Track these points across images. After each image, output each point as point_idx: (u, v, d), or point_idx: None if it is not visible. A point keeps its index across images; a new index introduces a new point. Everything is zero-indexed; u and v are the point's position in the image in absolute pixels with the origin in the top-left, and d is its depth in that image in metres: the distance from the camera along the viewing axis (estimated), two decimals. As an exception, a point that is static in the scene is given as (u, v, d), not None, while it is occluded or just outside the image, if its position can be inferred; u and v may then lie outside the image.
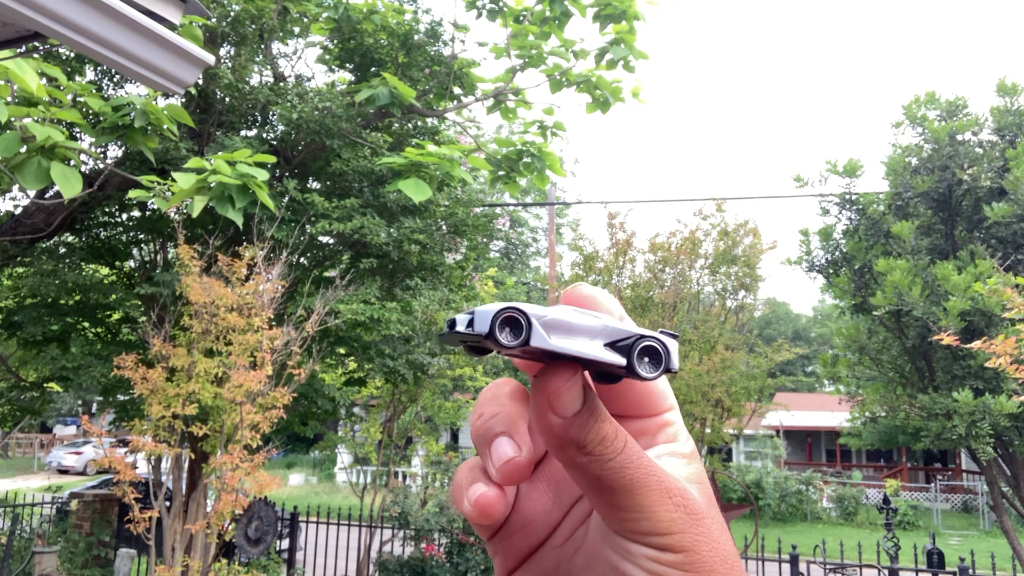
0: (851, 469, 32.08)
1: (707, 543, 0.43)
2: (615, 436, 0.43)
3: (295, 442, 32.49)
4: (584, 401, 0.43)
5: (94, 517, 10.94)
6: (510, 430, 0.46)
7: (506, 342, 0.41)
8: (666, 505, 0.42)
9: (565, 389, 0.42)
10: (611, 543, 0.44)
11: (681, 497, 0.43)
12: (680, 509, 0.43)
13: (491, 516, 0.46)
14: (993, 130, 11.12)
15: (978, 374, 10.04)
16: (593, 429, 0.42)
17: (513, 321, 0.41)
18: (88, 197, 7.63)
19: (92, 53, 2.25)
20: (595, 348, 0.42)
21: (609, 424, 0.43)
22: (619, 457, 0.42)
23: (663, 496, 0.42)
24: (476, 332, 0.41)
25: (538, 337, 0.41)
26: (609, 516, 0.43)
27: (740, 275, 16.42)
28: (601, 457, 0.42)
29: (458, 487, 0.47)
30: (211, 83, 8.40)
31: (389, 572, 8.83)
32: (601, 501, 0.43)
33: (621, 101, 8.33)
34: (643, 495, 0.42)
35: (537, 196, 33.47)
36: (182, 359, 6.89)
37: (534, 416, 0.44)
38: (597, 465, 0.42)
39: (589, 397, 0.43)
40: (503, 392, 0.48)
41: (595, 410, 0.43)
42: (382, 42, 8.99)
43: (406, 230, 8.70)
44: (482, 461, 0.47)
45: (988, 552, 9.19)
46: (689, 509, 0.43)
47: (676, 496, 0.43)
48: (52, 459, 33.04)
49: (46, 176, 3.76)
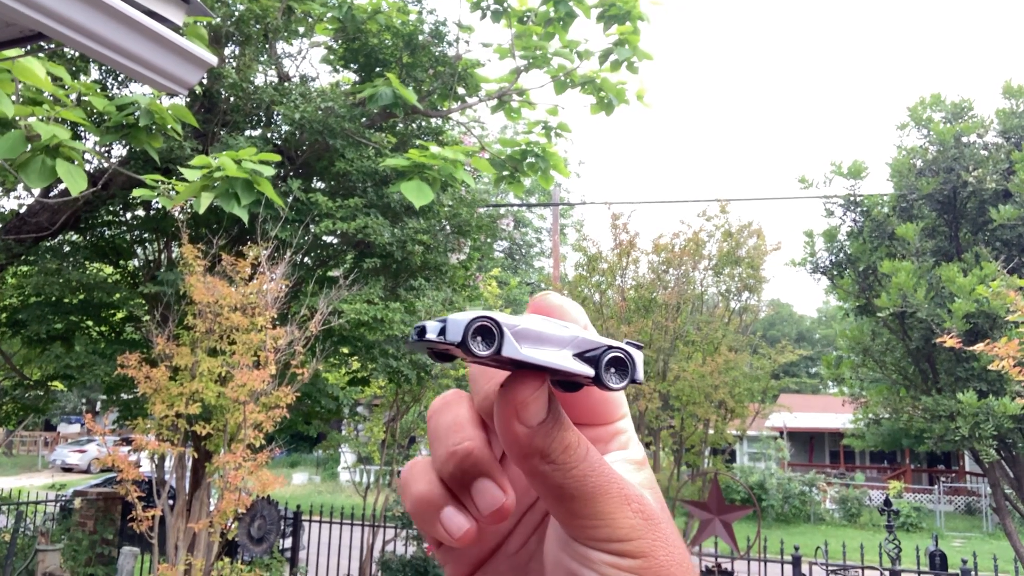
0: (854, 471, 32.02)
1: (664, 548, 0.44)
2: (578, 444, 0.43)
3: (298, 441, 32.53)
4: (549, 410, 0.43)
5: (98, 515, 10.97)
6: (492, 470, 0.45)
7: (478, 351, 0.42)
8: (625, 512, 0.43)
9: (532, 399, 0.43)
10: (570, 550, 0.44)
11: (639, 503, 0.44)
12: (638, 515, 0.43)
13: (467, 545, 0.46)
14: (999, 132, 11.09)
15: (982, 376, 10.01)
16: (557, 438, 0.43)
17: (486, 330, 0.42)
18: (92, 196, 7.65)
19: (94, 54, 2.26)
20: (564, 358, 0.42)
21: (572, 432, 0.44)
22: (581, 465, 0.43)
23: (622, 503, 0.43)
24: (448, 341, 0.42)
25: (510, 347, 0.41)
26: (569, 523, 0.44)
27: (744, 276, 16.39)
28: (564, 466, 0.43)
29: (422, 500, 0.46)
30: (215, 83, 8.42)
31: (392, 571, 8.84)
32: (562, 509, 0.43)
33: (625, 103, 8.32)
34: (604, 502, 0.43)
35: (541, 196, 33.46)
36: (186, 358, 6.91)
37: (499, 425, 0.44)
38: (560, 474, 0.43)
39: (554, 406, 0.43)
40: (463, 417, 0.47)
41: (559, 419, 0.43)
42: (386, 42, 9.00)
43: (410, 230, 8.71)
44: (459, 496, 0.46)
45: (991, 554, 9.17)
46: (646, 515, 0.44)
47: (635, 503, 0.44)
48: (56, 457, 33.14)
49: (50, 175, 3.77)
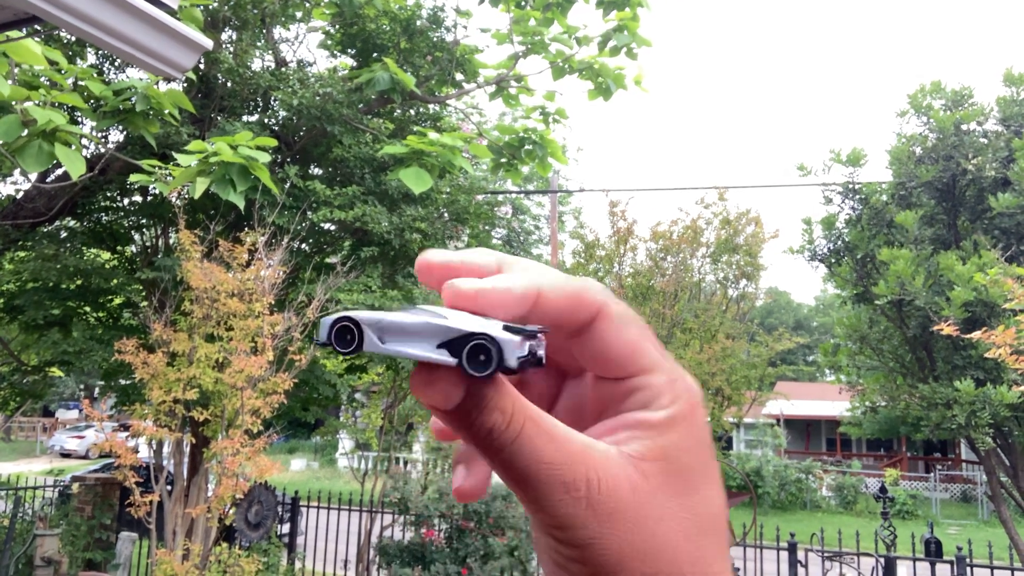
0: (851, 458, 32.15)
1: (619, 537, 0.39)
2: (505, 425, 0.40)
3: (296, 427, 32.59)
4: (466, 392, 0.40)
5: (96, 500, 10.99)
6: (463, 458, 0.45)
7: (341, 349, 0.43)
8: (560, 497, 0.39)
9: (425, 385, 0.40)
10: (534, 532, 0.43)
11: (584, 488, 0.39)
12: (580, 503, 0.39)
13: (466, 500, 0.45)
14: (999, 120, 11.07)
15: (979, 364, 10.04)
16: (477, 420, 0.40)
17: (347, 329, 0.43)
18: (89, 181, 7.62)
19: (89, 37, 2.24)
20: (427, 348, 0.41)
21: (497, 413, 0.40)
22: (509, 447, 0.40)
23: (557, 488, 0.39)
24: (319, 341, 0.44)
25: (370, 343, 0.42)
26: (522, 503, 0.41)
27: (742, 264, 16.41)
28: (491, 448, 0.40)
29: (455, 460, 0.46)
30: (212, 68, 8.38)
31: (389, 557, 8.87)
32: (512, 490, 0.41)
33: (624, 88, 8.29)
34: (535, 487, 0.39)
35: (539, 184, 33.40)
36: (183, 344, 6.91)
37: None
38: (490, 456, 0.40)
39: (473, 388, 0.40)
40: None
41: (478, 400, 0.40)
42: (384, 28, 8.95)
43: (407, 218, 8.69)
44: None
45: (986, 542, 9.22)
46: (593, 501, 0.39)
47: (574, 488, 0.39)
48: (54, 443, 33.20)
49: (47, 159, 3.76)
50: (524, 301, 0.41)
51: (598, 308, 0.42)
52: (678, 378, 0.43)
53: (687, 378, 0.43)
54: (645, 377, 0.42)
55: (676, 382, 0.43)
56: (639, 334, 0.43)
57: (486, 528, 8.60)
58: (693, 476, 0.41)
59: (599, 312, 0.42)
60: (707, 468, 0.42)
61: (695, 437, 0.42)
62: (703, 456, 0.42)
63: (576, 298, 0.42)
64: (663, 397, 0.42)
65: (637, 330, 0.43)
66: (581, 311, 0.42)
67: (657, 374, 0.43)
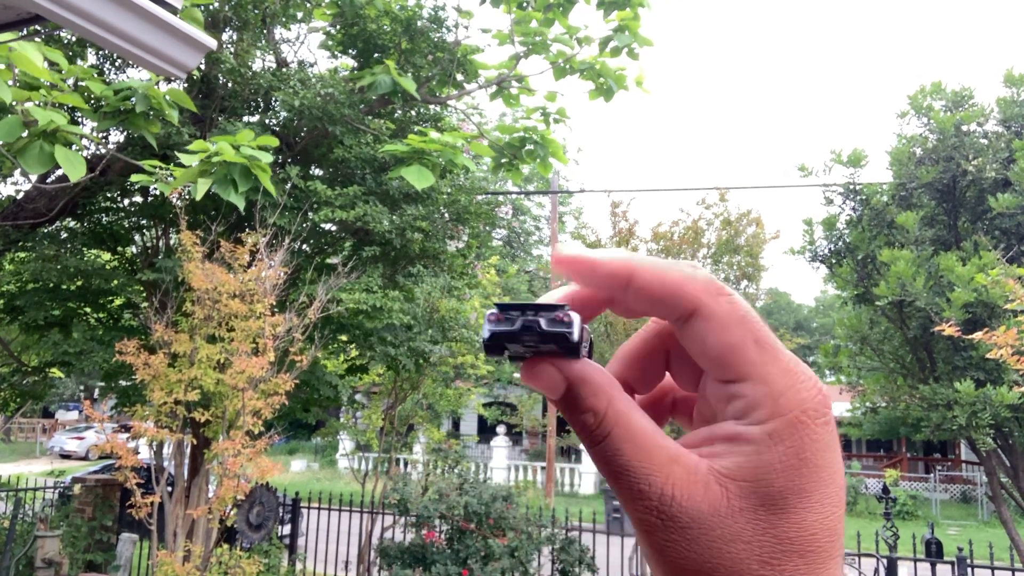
0: (851, 459, 32.14)
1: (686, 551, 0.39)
2: (596, 426, 0.41)
3: (297, 428, 32.58)
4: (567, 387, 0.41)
5: (96, 502, 10.99)
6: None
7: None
8: (636, 507, 0.40)
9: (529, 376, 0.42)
10: None
11: (657, 500, 0.39)
12: (652, 511, 0.39)
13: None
14: (999, 121, 11.06)
15: (979, 365, 10.03)
16: (573, 417, 0.41)
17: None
18: (90, 182, 7.61)
19: (93, 36, 2.23)
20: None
21: (590, 414, 0.41)
22: (595, 449, 0.41)
23: (633, 494, 0.40)
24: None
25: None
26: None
27: (743, 265, 16.40)
28: (585, 442, 0.41)
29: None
30: (213, 68, 8.37)
31: (390, 558, 8.86)
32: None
33: (625, 89, 8.29)
34: (616, 488, 0.41)
35: (540, 184, 33.40)
36: (184, 345, 6.90)
37: None
38: (587, 448, 0.42)
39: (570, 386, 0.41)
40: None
41: (572, 399, 0.41)
42: (385, 28, 8.94)
43: (408, 218, 8.68)
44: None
45: (986, 542, 9.22)
46: (664, 514, 0.39)
47: (647, 497, 0.40)
48: (54, 444, 33.18)
49: (48, 160, 3.75)
50: (614, 279, 0.41)
51: (696, 305, 0.41)
52: (786, 391, 0.40)
53: (802, 390, 0.40)
54: (744, 385, 0.40)
55: (781, 395, 0.40)
56: (742, 337, 0.40)
57: (487, 529, 8.60)
58: (787, 499, 0.39)
59: (697, 310, 0.41)
60: (808, 490, 0.39)
61: (798, 457, 0.39)
62: (805, 477, 0.39)
63: (673, 290, 0.41)
64: (761, 410, 0.40)
65: (741, 332, 0.40)
66: (678, 305, 0.41)
67: (757, 384, 0.40)
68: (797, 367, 0.41)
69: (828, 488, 0.40)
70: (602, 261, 0.41)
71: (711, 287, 0.41)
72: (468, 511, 8.63)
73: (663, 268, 0.41)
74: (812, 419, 0.40)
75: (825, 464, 0.40)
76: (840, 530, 0.41)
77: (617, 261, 0.41)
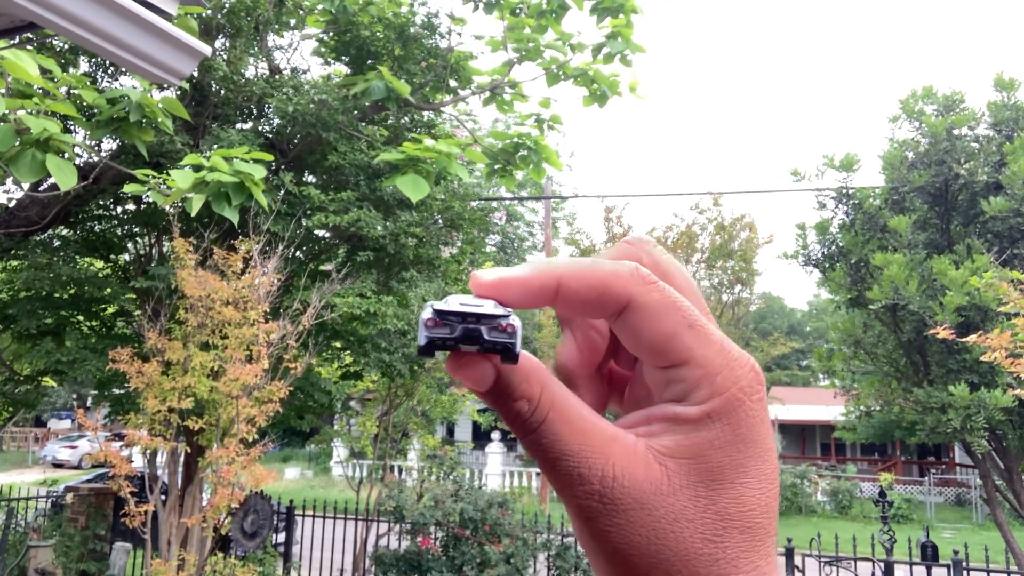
0: (845, 463, 32.18)
1: (630, 533, 0.39)
2: (530, 413, 0.40)
3: (291, 436, 32.47)
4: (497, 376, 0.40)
5: (89, 511, 10.92)
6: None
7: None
8: (576, 489, 0.39)
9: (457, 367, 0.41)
10: None
11: (599, 483, 0.39)
12: (593, 496, 0.39)
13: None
14: (990, 125, 11.13)
15: (973, 368, 10.07)
16: (503, 408, 0.41)
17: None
18: (83, 190, 7.59)
19: (88, 44, 2.23)
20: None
21: (523, 401, 0.40)
22: (530, 437, 0.40)
23: (574, 480, 0.39)
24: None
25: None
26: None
27: (736, 269, 16.44)
28: (518, 432, 0.41)
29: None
30: (206, 75, 8.36)
31: (385, 565, 8.83)
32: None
33: (618, 95, 8.31)
34: (555, 476, 0.40)
35: (533, 190, 33.43)
36: (178, 353, 6.88)
37: None
38: (520, 439, 0.41)
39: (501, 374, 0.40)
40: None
41: (503, 388, 0.41)
42: (378, 35, 8.95)
43: (402, 223, 8.68)
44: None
45: (982, 545, 9.23)
46: (607, 496, 0.39)
47: (588, 481, 0.39)
48: (47, 453, 32.97)
49: (41, 169, 3.73)
50: (543, 292, 0.40)
51: (627, 299, 0.40)
52: (721, 370, 0.40)
53: (736, 368, 0.41)
54: (682, 369, 0.41)
55: (718, 375, 0.40)
56: (676, 323, 0.40)
57: (482, 536, 8.57)
58: (724, 474, 0.40)
59: (629, 303, 0.40)
60: (745, 464, 0.40)
61: (734, 433, 0.40)
62: (742, 453, 0.40)
63: (601, 291, 0.40)
64: (700, 391, 0.40)
65: (674, 319, 0.40)
66: (609, 304, 0.41)
67: (694, 367, 0.40)
68: (731, 347, 0.41)
69: (763, 465, 0.41)
70: (528, 278, 0.40)
71: (637, 278, 0.41)
72: (463, 518, 8.61)
73: (587, 270, 0.41)
74: (747, 395, 0.40)
75: (759, 439, 0.41)
76: (775, 508, 0.41)
77: (543, 274, 0.40)
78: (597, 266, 0.41)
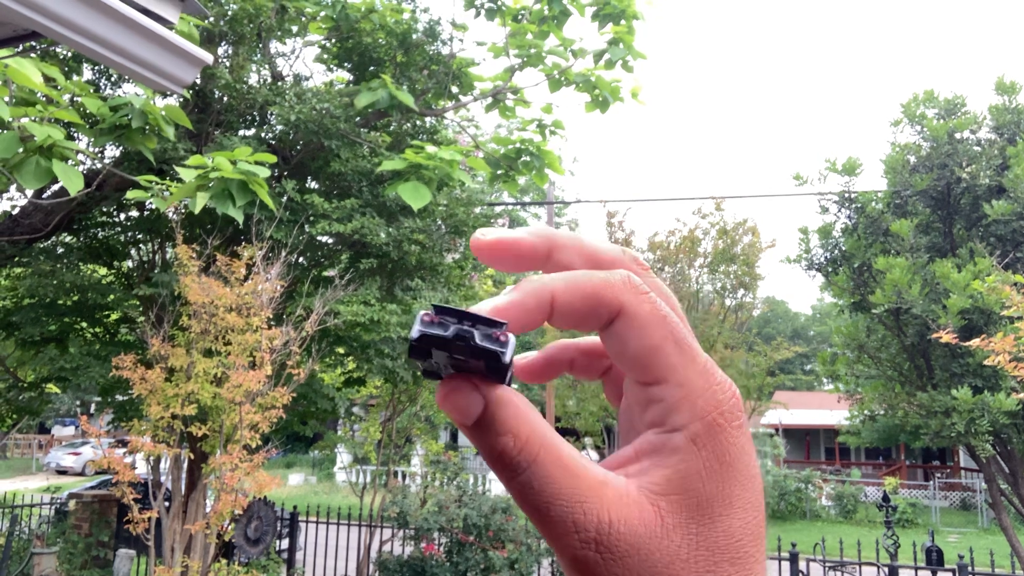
0: (850, 467, 32.10)
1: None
2: (517, 451, 0.38)
3: (294, 442, 32.47)
4: (484, 408, 0.38)
5: (93, 518, 10.93)
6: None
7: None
8: (571, 539, 0.37)
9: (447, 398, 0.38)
10: None
11: (595, 531, 0.37)
12: (590, 545, 0.37)
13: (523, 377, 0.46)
14: (992, 128, 11.13)
15: (977, 372, 10.04)
16: (488, 444, 0.38)
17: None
18: (86, 197, 7.61)
19: (91, 52, 2.24)
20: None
21: (509, 437, 0.38)
22: (519, 479, 0.37)
23: (568, 527, 0.37)
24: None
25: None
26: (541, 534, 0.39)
27: (739, 274, 16.44)
28: (503, 472, 0.38)
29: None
30: (209, 83, 8.39)
31: (389, 571, 8.82)
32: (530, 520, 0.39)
33: (620, 101, 8.33)
34: (547, 523, 0.37)
35: (536, 195, 33.44)
36: (181, 359, 6.88)
37: None
38: (504, 481, 0.38)
39: (488, 407, 0.38)
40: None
41: (488, 421, 0.38)
42: (380, 41, 8.98)
43: (405, 230, 8.69)
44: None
45: (987, 549, 9.21)
46: (603, 545, 0.37)
47: (584, 529, 0.37)
48: (50, 460, 33.00)
49: (45, 175, 3.76)
50: (540, 310, 0.39)
51: (619, 308, 0.39)
52: (703, 393, 0.39)
53: (718, 393, 0.39)
54: (662, 388, 0.39)
55: (699, 398, 0.39)
56: (663, 338, 0.39)
57: (486, 541, 8.56)
58: (713, 507, 0.38)
59: (620, 312, 0.39)
60: (731, 495, 0.39)
61: (719, 461, 0.39)
62: (727, 483, 0.39)
63: (593, 302, 0.39)
64: (679, 414, 0.39)
65: (661, 333, 0.39)
66: (601, 312, 0.39)
67: (674, 387, 0.39)
68: (713, 369, 0.40)
69: (748, 493, 0.39)
70: (524, 300, 0.39)
71: (630, 287, 0.40)
72: (467, 523, 8.61)
73: (579, 282, 0.40)
74: (728, 422, 0.39)
75: (744, 468, 0.39)
76: (762, 534, 0.40)
77: (537, 293, 0.39)
78: (589, 276, 0.40)
